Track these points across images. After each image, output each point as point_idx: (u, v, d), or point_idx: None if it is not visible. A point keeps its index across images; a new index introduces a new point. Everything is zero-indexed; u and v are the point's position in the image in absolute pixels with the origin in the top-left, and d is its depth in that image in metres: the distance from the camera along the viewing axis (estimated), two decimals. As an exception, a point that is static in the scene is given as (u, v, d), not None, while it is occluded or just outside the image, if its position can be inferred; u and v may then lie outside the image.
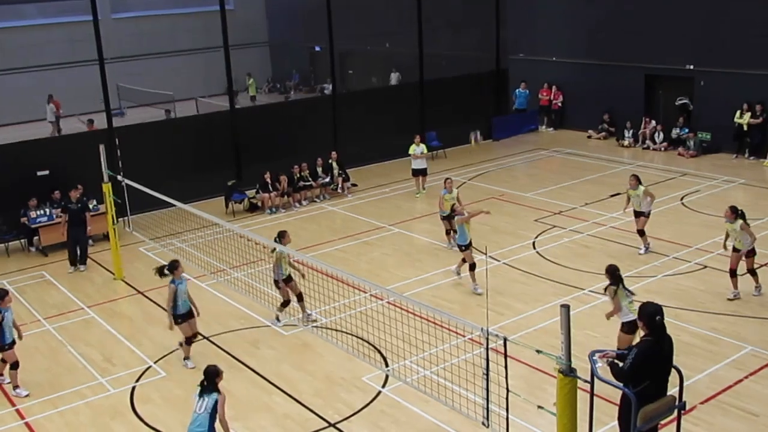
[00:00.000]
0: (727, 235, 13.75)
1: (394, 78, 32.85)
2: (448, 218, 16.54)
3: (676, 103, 24.94)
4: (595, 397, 7.68)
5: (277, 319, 13.65)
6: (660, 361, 7.75)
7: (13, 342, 11.72)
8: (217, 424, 9.02)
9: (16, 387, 11.84)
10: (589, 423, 7.75)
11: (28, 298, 15.74)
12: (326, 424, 10.67)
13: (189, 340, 12.45)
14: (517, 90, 28.70)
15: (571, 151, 25.45)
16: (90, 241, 17.90)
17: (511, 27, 28.09)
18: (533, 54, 29.03)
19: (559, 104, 28.60)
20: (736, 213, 13.30)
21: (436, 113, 25.74)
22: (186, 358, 12.52)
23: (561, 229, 17.92)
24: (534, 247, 16.88)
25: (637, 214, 15.92)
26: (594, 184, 21.42)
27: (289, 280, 13.54)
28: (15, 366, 11.77)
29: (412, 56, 26.07)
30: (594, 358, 7.86)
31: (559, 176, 22.59)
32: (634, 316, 10.14)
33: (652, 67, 25.46)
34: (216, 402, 8.93)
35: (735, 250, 13.56)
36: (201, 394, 9.02)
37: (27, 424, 11.13)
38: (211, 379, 9.05)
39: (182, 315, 12.22)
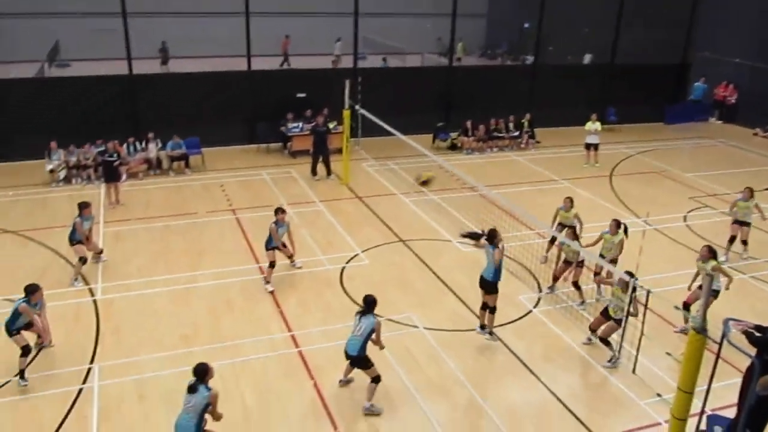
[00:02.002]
0: (697, 274, 10.62)
1: (587, 58, 30.97)
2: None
3: None
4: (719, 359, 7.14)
5: (550, 288, 11.69)
6: None
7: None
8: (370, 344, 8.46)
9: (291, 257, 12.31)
10: (710, 377, 7.23)
11: (278, 188, 16.88)
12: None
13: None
14: (696, 83, 26.19)
15: (734, 144, 23.03)
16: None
17: (701, 27, 25.47)
18: (718, 53, 26.21)
19: (733, 101, 25.80)
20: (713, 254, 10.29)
21: (617, 92, 24.19)
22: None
23: (713, 210, 16.45)
24: (684, 221, 15.67)
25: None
26: (752, 176, 19.25)
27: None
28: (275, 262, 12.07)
29: (607, 42, 24.47)
30: (729, 323, 7.26)
31: (720, 163, 20.58)
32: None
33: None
34: (373, 327, 8.34)
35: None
36: (360, 318, 8.45)
37: (264, 278, 12.06)
38: (370, 308, 8.46)
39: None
